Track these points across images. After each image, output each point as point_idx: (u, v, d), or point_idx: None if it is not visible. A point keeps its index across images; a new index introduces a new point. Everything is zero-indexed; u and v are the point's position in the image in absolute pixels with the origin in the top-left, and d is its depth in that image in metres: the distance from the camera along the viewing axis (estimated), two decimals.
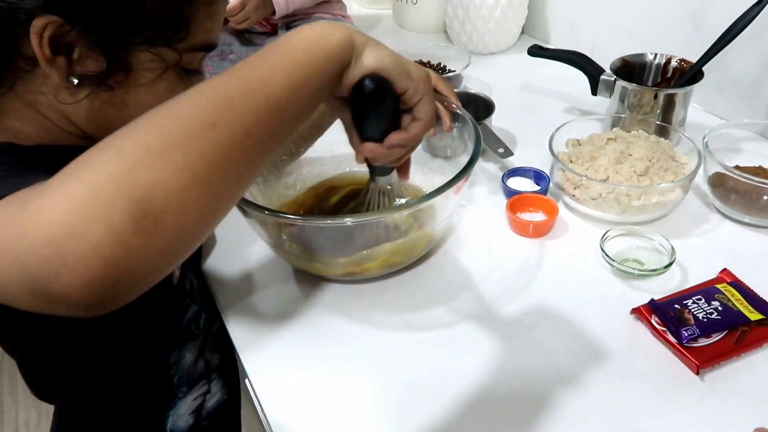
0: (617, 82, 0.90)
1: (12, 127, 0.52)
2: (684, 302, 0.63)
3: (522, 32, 1.36)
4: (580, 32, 1.25)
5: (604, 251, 0.69)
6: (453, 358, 0.61)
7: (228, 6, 1.13)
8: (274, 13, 1.18)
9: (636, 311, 0.64)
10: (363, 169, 0.62)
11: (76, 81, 0.48)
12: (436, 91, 0.77)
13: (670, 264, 0.67)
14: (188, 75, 0.55)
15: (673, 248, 0.69)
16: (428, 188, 0.82)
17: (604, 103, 0.97)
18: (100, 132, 0.54)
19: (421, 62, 1.21)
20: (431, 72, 0.76)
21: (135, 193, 0.31)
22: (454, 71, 1.15)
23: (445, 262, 0.73)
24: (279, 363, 0.62)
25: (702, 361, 0.58)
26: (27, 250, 0.31)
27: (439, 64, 1.20)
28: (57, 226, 0.30)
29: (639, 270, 0.68)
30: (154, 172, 0.32)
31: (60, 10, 0.45)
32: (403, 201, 0.67)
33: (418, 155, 0.86)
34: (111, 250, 0.30)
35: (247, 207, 0.60)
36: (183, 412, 0.70)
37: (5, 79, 0.50)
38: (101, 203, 0.31)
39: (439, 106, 0.78)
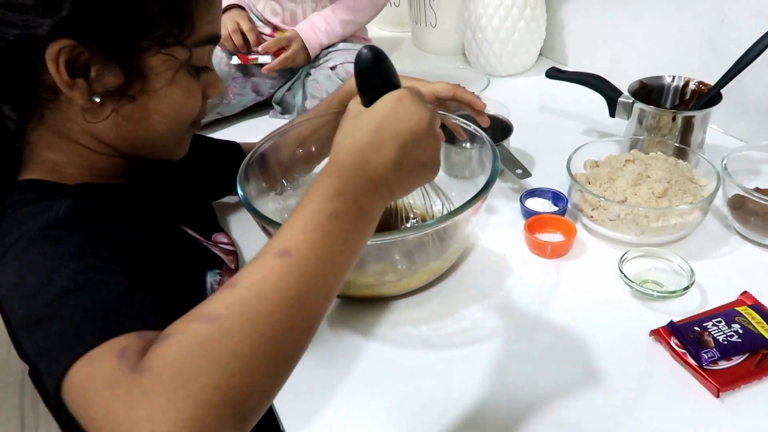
0: (635, 104, 0.91)
1: (47, 158, 0.54)
2: (704, 324, 0.63)
3: (540, 54, 1.37)
4: (598, 54, 1.26)
5: (622, 272, 0.69)
6: (471, 378, 0.61)
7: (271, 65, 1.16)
8: (309, 58, 1.21)
9: (655, 333, 0.64)
10: None
11: (98, 99, 0.50)
12: (458, 101, 0.78)
13: (690, 286, 0.67)
14: (198, 73, 0.57)
15: (692, 270, 0.69)
16: (447, 209, 0.83)
17: (622, 125, 0.97)
18: (129, 145, 0.56)
19: None
20: (450, 84, 0.77)
21: (234, 400, 0.34)
22: (473, 93, 1.16)
23: (463, 282, 0.74)
24: (294, 380, 0.62)
25: (722, 384, 0.58)
26: None
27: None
28: None
29: (658, 292, 0.68)
30: (247, 380, 0.35)
31: (70, 32, 0.46)
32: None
33: (437, 176, 0.88)
34: None
35: (269, 225, 0.62)
36: None
37: (34, 111, 0.53)
38: (209, 417, 0.33)
39: (453, 122, 0.80)
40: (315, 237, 0.39)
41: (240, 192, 0.68)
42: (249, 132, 1.16)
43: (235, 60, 1.18)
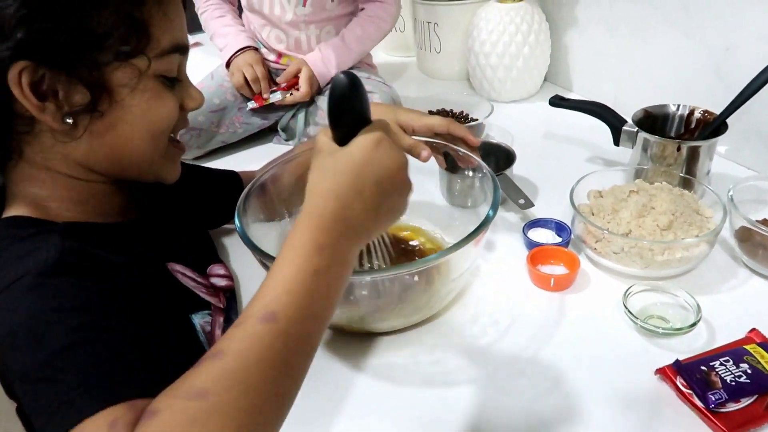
0: (639, 133, 0.90)
1: (30, 193, 0.54)
2: (711, 364, 0.61)
3: (545, 80, 1.37)
4: (602, 81, 1.25)
5: (627, 308, 0.68)
6: (469, 414, 0.60)
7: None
8: (320, 89, 1.22)
9: (660, 371, 0.62)
10: None
11: (70, 120, 0.50)
12: (453, 135, 0.77)
13: (696, 323, 0.66)
14: (172, 83, 0.56)
15: (698, 306, 0.67)
16: (449, 237, 0.82)
17: (626, 153, 0.96)
18: (110, 165, 0.56)
19: (444, 110, 1.22)
20: (444, 119, 0.77)
21: None
22: (477, 120, 1.16)
23: (464, 315, 0.73)
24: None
25: (730, 427, 0.56)
26: None
27: (462, 112, 1.21)
28: None
29: (663, 329, 0.66)
30: None
31: (26, 53, 0.46)
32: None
33: (439, 205, 0.87)
34: None
35: (266, 260, 0.61)
36: None
37: (13, 148, 0.53)
38: None
39: (457, 151, 0.79)
40: (300, 297, 0.39)
41: (238, 224, 0.67)
42: (253, 158, 1.16)
43: (252, 104, 1.19)
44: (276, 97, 1.18)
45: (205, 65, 1.28)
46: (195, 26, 1.24)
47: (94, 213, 0.57)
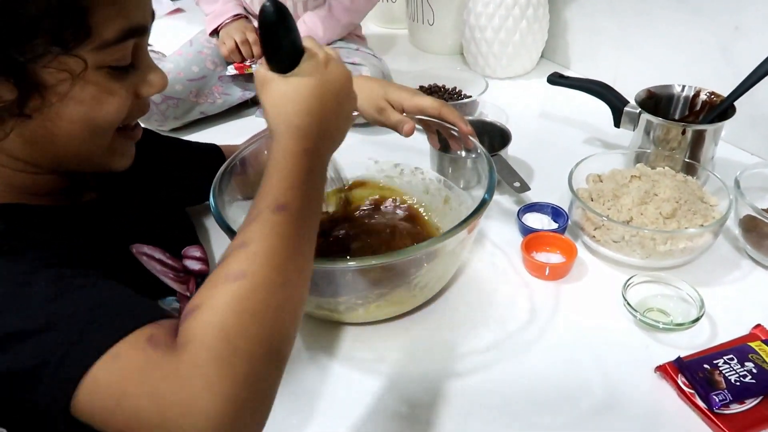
0: (642, 115, 0.86)
1: None
2: (714, 362, 0.58)
3: (541, 56, 1.32)
4: (602, 59, 1.20)
5: (626, 300, 0.64)
6: (459, 405, 0.56)
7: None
8: None
9: (661, 369, 0.59)
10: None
11: None
12: (443, 119, 0.73)
13: (699, 318, 0.62)
14: (124, 71, 0.48)
15: (702, 300, 0.63)
16: (442, 221, 0.78)
17: (627, 136, 0.92)
18: (50, 161, 0.50)
19: (435, 86, 1.17)
20: (437, 101, 0.73)
21: (273, 347, 0.38)
22: (471, 97, 1.11)
23: (455, 304, 0.69)
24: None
25: (735, 430, 0.53)
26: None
27: (455, 88, 1.16)
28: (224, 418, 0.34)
29: (664, 323, 0.62)
30: (279, 326, 0.39)
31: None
32: None
33: (432, 186, 0.82)
34: (267, 400, 0.38)
35: None
36: None
37: None
38: (259, 367, 0.37)
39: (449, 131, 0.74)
40: (302, 191, 0.44)
41: (213, 204, 0.62)
42: (233, 132, 1.10)
43: (231, 70, 1.13)
44: (257, 67, 1.12)
45: (186, 33, 1.21)
46: None
47: (36, 197, 0.51)
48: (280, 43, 0.47)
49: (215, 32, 1.16)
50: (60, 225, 0.52)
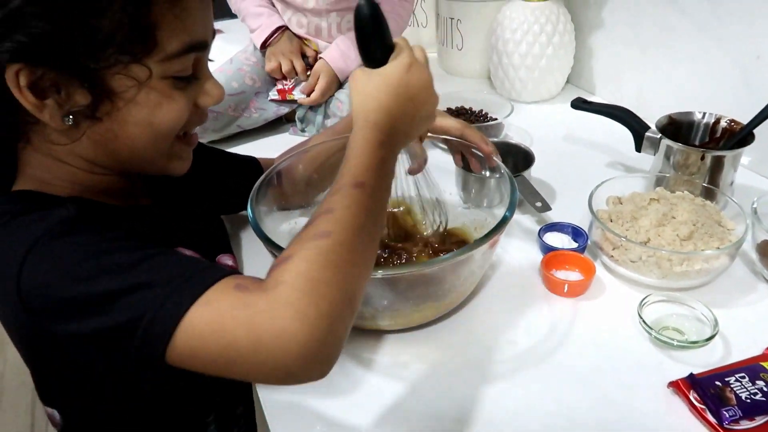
0: (662, 140, 0.88)
1: (37, 177, 0.54)
2: (726, 379, 0.60)
3: (567, 81, 1.35)
4: (625, 85, 1.23)
5: (642, 318, 0.66)
6: (475, 418, 0.59)
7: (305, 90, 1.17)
8: (341, 84, 1.22)
9: (674, 385, 0.61)
10: None
11: (70, 121, 0.49)
12: (466, 140, 0.77)
13: (712, 336, 0.64)
14: (186, 82, 0.53)
15: (716, 319, 0.65)
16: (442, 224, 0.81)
17: (648, 160, 0.94)
18: (114, 162, 0.55)
19: (463, 108, 1.21)
20: (460, 123, 0.77)
21: (350, 295, 0.44)
22: (496, 119, 1.15)
23: (475, 317, 0.72)
24: (298, 412, 0.61)
25: None
26: (281, 362, 0.41)
27: (481, 111, 1.20)
28: (306, 348, 0.41)
29: (678, 341, 0.65)
30: (357, 279, 0.46)
31: (24, 55, 0.45)
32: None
33: (454, 204, 0.86)
34: (342, 337, 0.44)
35: (276, 251, 0.61)
36: None
37: (20, 132, 0.52)
38: (338, 310, 0.43)
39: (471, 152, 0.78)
40: (377, 174, 0.50)
41: (250, 214, 0.67)
42: (268, 147, 1.15)
43: (274, 95, 1.20)
44: (298, 95, 1.18)
45: (225, 52, 1.28)
46: (221, 12, 1.24)
47: (98, 196, 0.57)
48: (370, 40, 0.53)
49: (264, 46, 1.22)
50: (119, 221, 0.57)
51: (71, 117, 0.49)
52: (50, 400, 0.63)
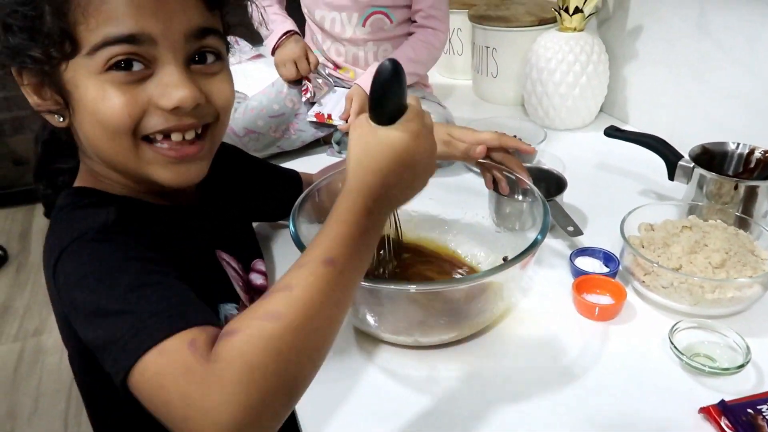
0: (696, 169, 0.89)
1: (93, 174, 0.60)
2: (758, 407, 0.60)
3: (600, 110, 1.36)
4: (659, 114, 1.24)
5: (673, 343, 0.67)
6: None
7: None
8: None
9: (705, 411, 0.61)
10: None
11: (62, 119, 0.55)
12: (505, 148, 0.79)
13: (745, 364, 0.64)
14: (132, 77, 0.52)
15: (748, 347, 0.65)
16: (493, 260, 0.83)
17: (680, 189, 0.95)
18: (104, 162, 0.59)
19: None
20: (495, 132, 0.79)
21: (289, 383, 0.43)
22: (530, 145, 1.16)
23: (505, 337, 0.73)
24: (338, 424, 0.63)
25: None
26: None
27: (515, 137, 1.22)
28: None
29: (710, 367, 0.65)
30: (301, 367, 0.43)
31: (9, 58, 0.52)
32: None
33: (485, 227, 0.88)
34: (271, 429, 0.43)
35: None
36: None
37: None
38: (270, 399, 0.41)
39: (501, 174, 0.80)
40: (352, 249, 0.47)
41: (292, 228, 0.69)
42: (307, 167, 1.18)
43: (311, 117, 1.24)
44: (337, 121, 1.22)
45: (265, 75, 1.33)
46: (260, 38, 1.30)
47: (150, 196, 0.61)
48: (386, 98, 0.50)
49: (273, 52, 1.26)
50: (165, 221, 0.61)
51: (62, 117, 0.55)
52: (87, 401, 0.66)
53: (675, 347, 0.67)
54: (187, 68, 0.55)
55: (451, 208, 0.91)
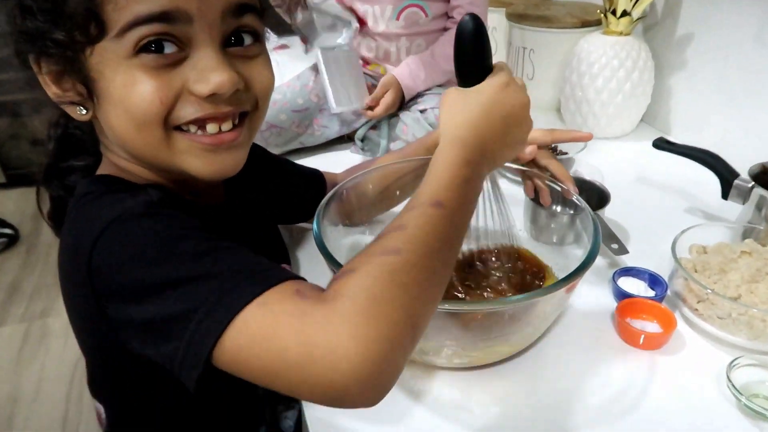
0: (755, 189, 0.82)
1: (117, 165, 0.55)
2: None
3: (641, 120, 1.29)
4: (706, 129, 1.17)
5: (730, 382, 0.60)
6: None
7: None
8: (403, 104, 1.19)
9: None
10: None
11: (84, 111, 0.51)
12: (559, 141, 0.74)
13: None
14: (164, 61, 0.47)
15: None
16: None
17: (733, 209, 0.88)
18: (129, 153, 0.54)
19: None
20: (545, 134, 0.74)
21: (414, 318, 0.41)
22: (567, 154, 1.10)
23: (542, 361, 0.67)
24: None
25: None
26: (330, 380, 0.38)
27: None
28: (366, 365, 0.37)
29: None
30: (423, 303, 0.42)
31: (31, 45, 0.48)
32: None
33: (520, 236, 0.82)
34: (399, 365, 0.40)
35: (336, 267, 0.58)
36: None
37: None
38: (398, 332, 0.39)
39: (543, 184, 0.74)
40: (457, 194, 0.47)
41: (315, 230, 0.64)
42: (329, 164, 1.13)
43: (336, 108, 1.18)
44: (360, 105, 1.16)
45: (290, 67, 1.28)
46: (287, 30, 1.25)
47: (179, 189, 0.57)
48: (470, 58, 0.52)
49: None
50: (190, 212, 0.56)
51: (83, 108, 0.51)
52: (99, 393, 0.61)
53: (733, 385, 0.60)
54: (223, 51, 0.49)
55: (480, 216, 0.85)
